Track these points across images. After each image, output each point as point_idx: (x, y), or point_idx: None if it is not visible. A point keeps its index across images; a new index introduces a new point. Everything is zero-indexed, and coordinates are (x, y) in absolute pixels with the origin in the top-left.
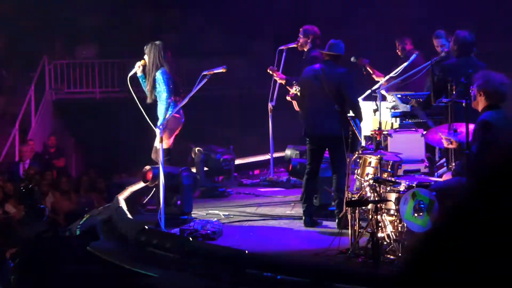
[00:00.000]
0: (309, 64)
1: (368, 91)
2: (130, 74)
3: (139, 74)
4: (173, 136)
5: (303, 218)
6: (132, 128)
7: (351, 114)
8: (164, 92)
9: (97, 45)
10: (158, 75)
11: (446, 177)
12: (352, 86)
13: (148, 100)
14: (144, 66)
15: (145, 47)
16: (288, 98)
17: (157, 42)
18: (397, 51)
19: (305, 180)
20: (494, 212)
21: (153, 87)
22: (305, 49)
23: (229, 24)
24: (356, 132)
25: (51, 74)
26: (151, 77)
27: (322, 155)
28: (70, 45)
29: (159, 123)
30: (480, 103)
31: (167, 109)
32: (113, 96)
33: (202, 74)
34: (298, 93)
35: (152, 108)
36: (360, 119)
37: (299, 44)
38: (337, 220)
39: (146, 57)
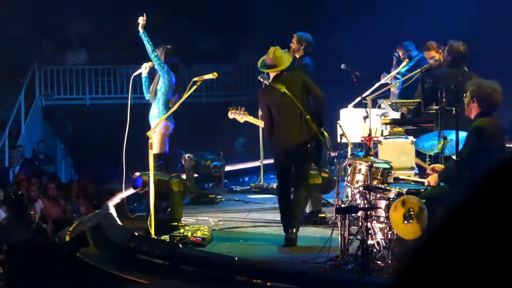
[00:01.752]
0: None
1: (358, 98)
2: (135, 73)
3: (144, 75)
4: (167, 141)
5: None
6: (122, 134)
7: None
8: (165, 93)
9: (87, 52)
10: (165, 77)
11: (432, 179)
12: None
13: (151, 100)
14: (151, 68)
15: (156, 49)
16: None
17: (169, 46)
18: (401, 59)
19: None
20: (484, 218)
21: (157, 88)
22: (297, 56)
23: (218, 30)
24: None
25: (41, 80)
26: (157, 78)
27: None
28: (60, 51)
29: (154, 123)
30: (473, 110)
31: (165, 109)
32: (103, 102)
33: (192, 80)
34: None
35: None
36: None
37: (291, 50)
38: None
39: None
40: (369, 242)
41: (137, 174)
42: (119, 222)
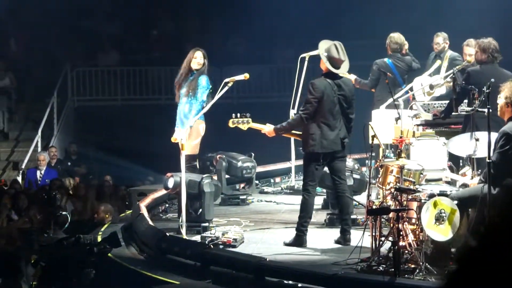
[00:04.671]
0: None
1: (390, 100)
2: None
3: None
4: (199, 142)
5: None
6: (154, 135)
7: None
8: (200, 96)
9: (119, 53)
10: (200, 80)
11: (472, 184)
12: None
13: (176, 99)
14: (185, 69)
15: (192, 52)
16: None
17: (200, 49)
18: (434, 46)
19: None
20: None
21: (191, 89)
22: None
23: (251, 32)
24: None
25: (73, 81)
26: (193, 80)
27: None
28: (92, 52)
29: (184, 124)
30: (507, 114)
31: (197, 112)
32: (135, 103)
33: (224, 81)
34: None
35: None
36: None
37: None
38: None
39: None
40: (401, 243)
41: (169, 175)
42: (150, 223)
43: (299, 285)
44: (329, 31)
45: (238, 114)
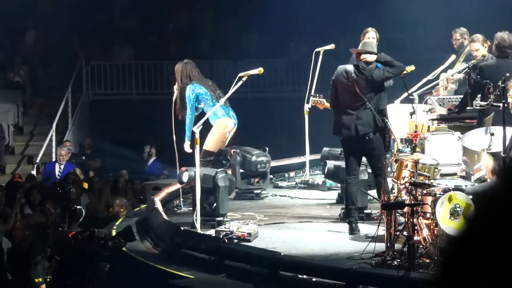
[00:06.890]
0: None
1: (405, 94)
2: (174, 99)
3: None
4: (218, 139)
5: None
6: (168, 130)
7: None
8: (188, 108)
9: (134, 47)
10: (186, 92)
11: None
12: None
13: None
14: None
15: (179, 64)
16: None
17: (185, 61)
18: (453, 42)
19: None
20: None
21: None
22: None
23: (266, 26)
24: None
25: (88, 75)
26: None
27: None
28: (107, 46)
29: (187, 134)
30: None
31: (189, 124)
32: (150, 97)
33: (239, 76)
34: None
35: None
36: None
37: None
38: None
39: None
40: (415, 238)
41: (184, 169)
42: (165, 217)
43: (313, 279)
44: (344, 26)
45: (317, 94)
